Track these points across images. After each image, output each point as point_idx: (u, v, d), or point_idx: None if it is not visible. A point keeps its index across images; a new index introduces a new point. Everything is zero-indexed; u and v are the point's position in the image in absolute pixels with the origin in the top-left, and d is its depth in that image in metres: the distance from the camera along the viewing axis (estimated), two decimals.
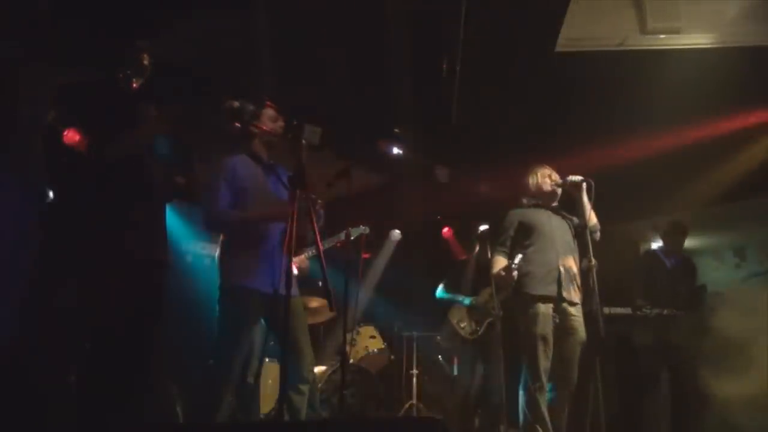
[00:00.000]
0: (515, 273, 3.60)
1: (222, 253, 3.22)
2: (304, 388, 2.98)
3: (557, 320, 3.61)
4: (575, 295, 3.68)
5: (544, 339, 3.53)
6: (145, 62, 2.70)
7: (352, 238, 4.39)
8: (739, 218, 5.71)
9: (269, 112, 3.18)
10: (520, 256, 3.66)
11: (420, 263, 6.57)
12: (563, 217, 3.91)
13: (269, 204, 3.07)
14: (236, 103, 2.96)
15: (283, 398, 2.75)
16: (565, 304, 3.63)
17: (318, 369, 4.48)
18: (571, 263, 3.73)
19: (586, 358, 3.56)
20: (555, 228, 3.82)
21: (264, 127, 3.13)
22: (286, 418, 2.86)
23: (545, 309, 3.59)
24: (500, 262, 3.82)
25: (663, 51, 4.39)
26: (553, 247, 3.72)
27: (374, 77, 4.64)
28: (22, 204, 3.70)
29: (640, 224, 6.04)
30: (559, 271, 3.64)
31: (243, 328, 2.95)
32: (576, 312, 3.66)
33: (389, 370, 5.37)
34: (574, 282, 3.70)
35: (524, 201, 3.98)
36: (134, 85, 2.71)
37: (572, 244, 3.83)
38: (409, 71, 4.53)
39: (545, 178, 3.93)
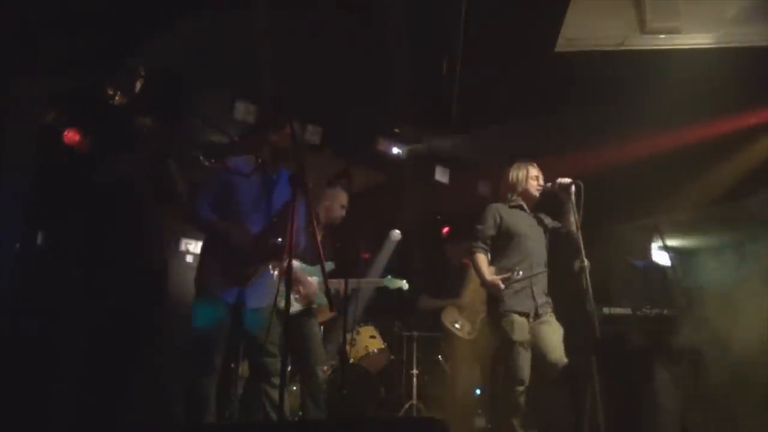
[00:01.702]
0: (503, 287, 3.61)
1: (200, 253, 3.28)
2: (275, 380, 3.08)
3: (533, 329, 3.64)
4: (549, 307, 3.73)
5: (522, 345, 3.56)
6: (137, 83, 2.73)
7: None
8: (739, 218, 5.70)
9: (289, 130, 3.18)
10: (521, 273, 3.64)
11: (419, 263, 6.56)
12: (542, 228, 3.89)
13: (253, 218, 3.14)
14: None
15: (261, 393, 3.06)
16: (538, 317, 3.67)
17: None
18: (542, 278, 3.76)
19: (583, 359, 3.56)
20: (534, 241, 3.81)
21: (280, 141, 3.19)
22: (270, 412, 3.01)
23: (520, 319, 3.62)
24: (482, 260, 3.79)
25: (663, 51, 4.38)
26: (529, 263, 3.71)
27: (374, 77, 4.64)
28: (9, 204, 3.69)
29: (640, 224, 6.03)
30: (532, 290, 3.66)
31: (212, 329, 3.02)
32: (546, 315, 3.70)
33: (389, 370, 5.37)
34: (544, 296, 3.75)
35: (508, 196, 3.94)
36: (118, 99, 2.73)
37: (545, 256, 3.84)
38: (409, 71, 4.53)
39: (532, 180, 3.90)
